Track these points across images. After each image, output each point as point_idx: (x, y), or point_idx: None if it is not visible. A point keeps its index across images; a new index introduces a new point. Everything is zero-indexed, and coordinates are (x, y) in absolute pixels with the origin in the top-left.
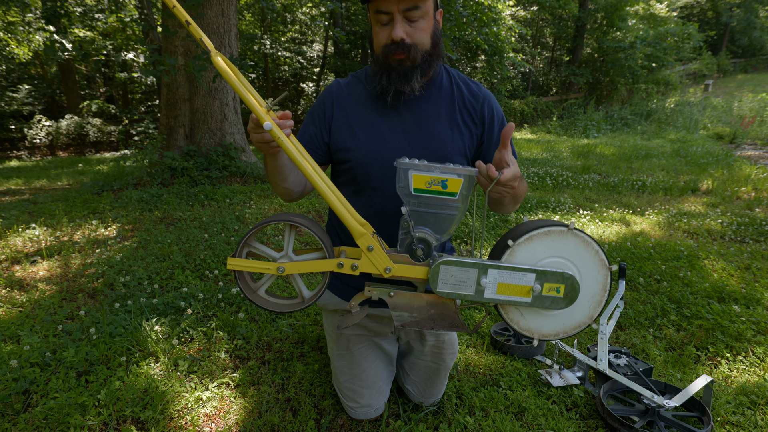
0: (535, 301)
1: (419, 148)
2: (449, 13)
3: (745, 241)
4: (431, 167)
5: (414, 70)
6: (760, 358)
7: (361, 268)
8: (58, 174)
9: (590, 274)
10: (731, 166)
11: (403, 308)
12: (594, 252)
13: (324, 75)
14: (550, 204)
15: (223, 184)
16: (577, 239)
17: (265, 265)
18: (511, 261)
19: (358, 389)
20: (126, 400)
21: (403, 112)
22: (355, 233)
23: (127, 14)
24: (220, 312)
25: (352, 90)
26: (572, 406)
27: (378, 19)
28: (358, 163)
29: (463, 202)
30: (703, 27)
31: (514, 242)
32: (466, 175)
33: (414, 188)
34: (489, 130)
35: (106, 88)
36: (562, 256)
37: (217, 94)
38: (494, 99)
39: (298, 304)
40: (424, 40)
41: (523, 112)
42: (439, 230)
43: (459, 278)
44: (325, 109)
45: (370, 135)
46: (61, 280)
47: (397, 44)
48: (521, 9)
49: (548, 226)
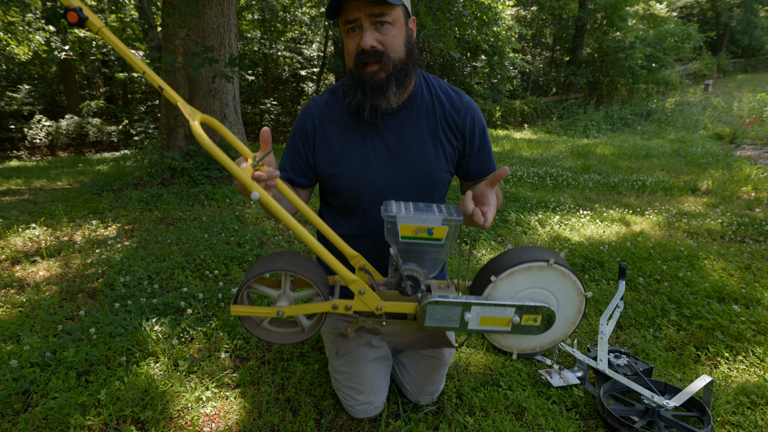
0: (514, 330)
1: (404, 168)
2: (450, 12)
3: (745, 241)
4: (417, 217)
5: (389, 82)
6: (760, 358)
7: (355, 307)
8: (58, 174)
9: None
10: (731, 166)
11: (394, 334)
12: (571, 282)
13: (324, 75)
14: (550, 204)
15: (223, 184)
16: (556, 272)
17: (266, 309)
18: (493, 294)
19: (357, 387)
20: (126, 400)
21: (384, 131)
22: (347, 280)
23: (127, 14)
24: (220, 312)
25: (332, 110)
26: (572, 406)
27: (347, 30)
28: (346, 188)
29: (449, 245)
30: (703, 27)
31: (497, 277)
32: (452, 224)
33: (401, 236)
34: (470, 142)
35: (106, 88)
36: (542, 287)
37: (217, 94)
38: (476, 108)
39: (299, 333)
40: (396, 48)
41: (523, 112)
42: (427, 267)
43: (445, 314)
44: (308, 134)
45: (353, 160)
46: (61, 280)
47: (368, 53)
48: (521, 9)
49: (529, 261)
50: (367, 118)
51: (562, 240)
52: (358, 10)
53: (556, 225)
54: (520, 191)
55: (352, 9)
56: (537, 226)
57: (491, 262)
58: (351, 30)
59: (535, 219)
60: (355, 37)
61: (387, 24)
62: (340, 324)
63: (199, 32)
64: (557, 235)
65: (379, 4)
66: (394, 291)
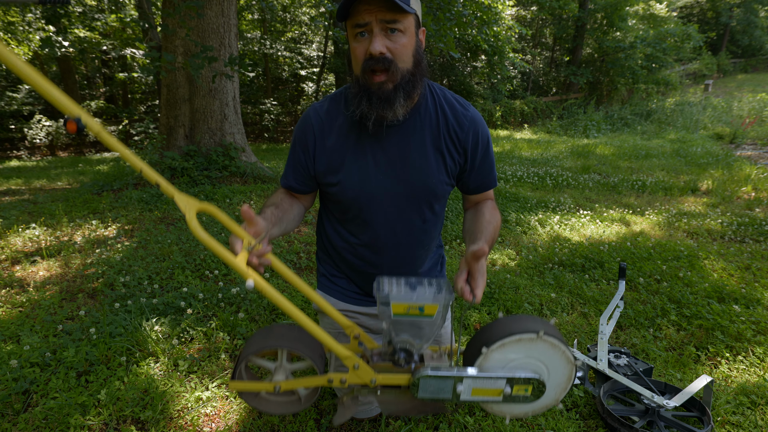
0: (505, 399)
1: (404, 180)
2: (450, 12)
3: (745, 241)
4: (409, 295)
5: (396, 93)
6: (760, 358)
7: (350, 380)
8: (58, 174)
9: (557, 369)
10: (731, 166)
11: (389, 402)
12: (561, 352)
13: (324, 75)
14: (550, 204)
15: (223, 184)
16: (546, 344)
17: (264, 385)
18: (484, 365)
19: None
20: (126, 400)
21: (386, 142)
22: (341, 356)
23: (126, 14)
24: (220, 312)
25: (332, 119)
26: (572, 406)
27: (356, 34)
28: (346, 198)
29: (441, 319)
30: (703, 27)
31: (488, 348)
32: (443, 302)
33: (394, 313)
34: (472, 157)
35: (106, 88)
36: (532, 357)
37: (217, 94)
38: (481, 122)
39: (296, 402)
40: (405, 58)
41: (523, 112)
42: (420, 339)
43: (437, 387)
44: (308, 143)
45: (353, 171)
46: (61, 280)
47: (376, 59)
48: (521, 9)
49: (519, 333)
50: (371, 130)
51: (562, 240)
52: (370, 14)
53: (556, 225)
54: (520, 191)
55: (363, 12)
56: (537, 226)
57: (482, 331)
58: (360, 34)
59: (535, 219)
60: (364, 42)
61: (398, 31)
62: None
63: (199, 32)
64: (557, 235)
65: (392, 10)
66: (388, 362)
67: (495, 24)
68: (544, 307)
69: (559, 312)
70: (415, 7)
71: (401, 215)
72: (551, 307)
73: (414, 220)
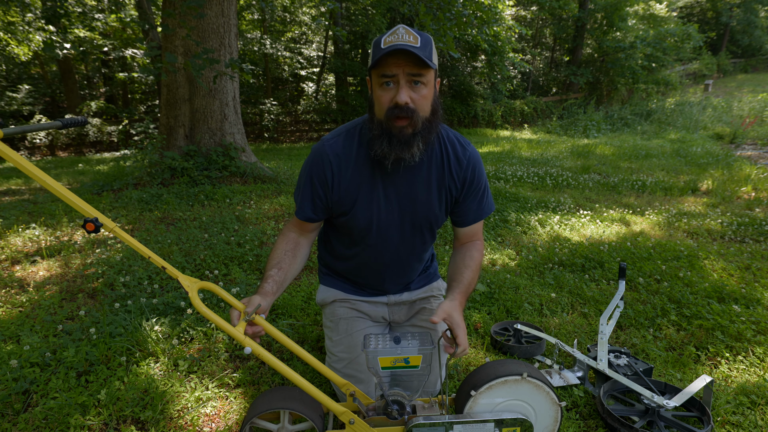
0: None
1: (410, 213)
2: (450, 12)
3: (745, 241)
4: (394, 349)
5: (415, 138)
6: (760, 358)
7: None
8: (58, 174)
9: (543, 410)
10: (731, 166)
11: None
12: (545, 393)
13: (324, 75)
14: (550, 204)
15: (223, 184)
16: (531, 385)
17: None
18: (473, 408)
19: (357, 375)
20: (126, 400)
21: (397, 179)
22: (337, 413)
23: (126, 14)
24: (220, 312)
25: (348, 155)
26: (572, 406)
27: (382, 83)
28: (355, 227)
29: (426, 368)
30: (703, 27)
31: (476, 392)
32: (426, 353)
33: (382, 367)
34: (467, 191)
35: (106, 88)
36: (519, 399)
37: (217, 94)
38: (478, 160)
39: None
40: (425, 107)
41: (523, 112)
42: (410, 390)
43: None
44: (327, 179)
45: (365, 203)
46: (61, 280)
47: (401, 108)
48: (521, 9)
49: (505, 375)
50: (389, 169)
51: (562, 240)
52: (398, 67)
53: (556, 225)
54: (520, 191)
55: (392, 65)
56: (537, 226)
57: (471, 375)
58: (386, 83)
59: (535, 219)
60: (390, 91)
61: (421, 84)
62: (340, 310)
63: (199, 32)
64: (557, 235)
65: (418, 65)
66: (382, 416)
67: (495, 24)
68: (544, 307)
69: (559, 312)
70: (436, 62)
71: (404, 240)
72: (551, 307)
73: (416, 244)
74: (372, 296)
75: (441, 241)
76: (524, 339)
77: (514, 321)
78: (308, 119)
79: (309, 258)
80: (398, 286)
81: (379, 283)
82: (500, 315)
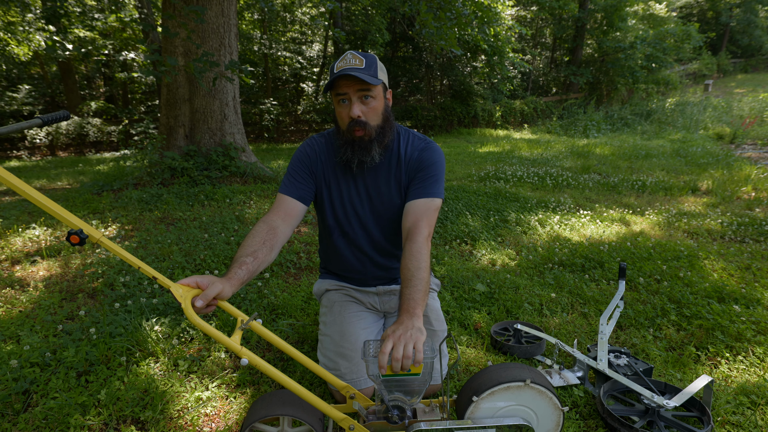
0: None
1: (378, 206)
2: (450, 11)
3: (745, 241)
4: None
5: (371, 144)
6: (760, 358)
7: None
8: (58, 174)
9: (545, 415)
10: (731, 166)
11: None
12: (548, 398)
13: (324, 75)
14: (550, 204)
15: (223, 184)
16: (533, 390)
17: None
18: (475, 414)
19: (348, 353)
20: (126, 400)
21: (366, 178)
22: (337, 419)
23: (126, 14)
24: (220, 312)
25: (328, 154)
26: (572, 406)
27: (338, 101)
28: (333, 216)
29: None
30: (703, 27)
31: (478, 397)
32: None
33: (382, 375)
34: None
35: (106, 88)
36: (521, 404)
37: (217, 94)
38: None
39: None
40: (375, 117)
41: (523, 112)
42: (410, 395)
43: None
44: (312, 166)
45: (342, 196)
46: (61, 280)
47: (355, 121)
48: (521, 9)
49: (507, 381)
50: (355, 170)
51: (562, 240)
52: (348, 87)
53: (556, 225)
54: (520, 191)
55: (344, 86)
56: (537, 226)
57: (472, 379)
58: (342, 101)
59: (535, 219)
60: (346, 108)
61: (370, 97)
62: (334, 296)
63: (199, 33)
64: (557, 235)
65: (364, 84)
66: (382, 420)
67: (495, 24)
68: (544, 307)
69: (559, 312)
70: (382, 77)
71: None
72: (551, 307)
73: (389, 232)
74: (364, 288)
75: (441, 241)
76: (524, 339)
77: (514, 321)
78: (308, 119)
79: (309, 259)
80: (382, 280)
81: (364, 277)
82: (500, 315)
